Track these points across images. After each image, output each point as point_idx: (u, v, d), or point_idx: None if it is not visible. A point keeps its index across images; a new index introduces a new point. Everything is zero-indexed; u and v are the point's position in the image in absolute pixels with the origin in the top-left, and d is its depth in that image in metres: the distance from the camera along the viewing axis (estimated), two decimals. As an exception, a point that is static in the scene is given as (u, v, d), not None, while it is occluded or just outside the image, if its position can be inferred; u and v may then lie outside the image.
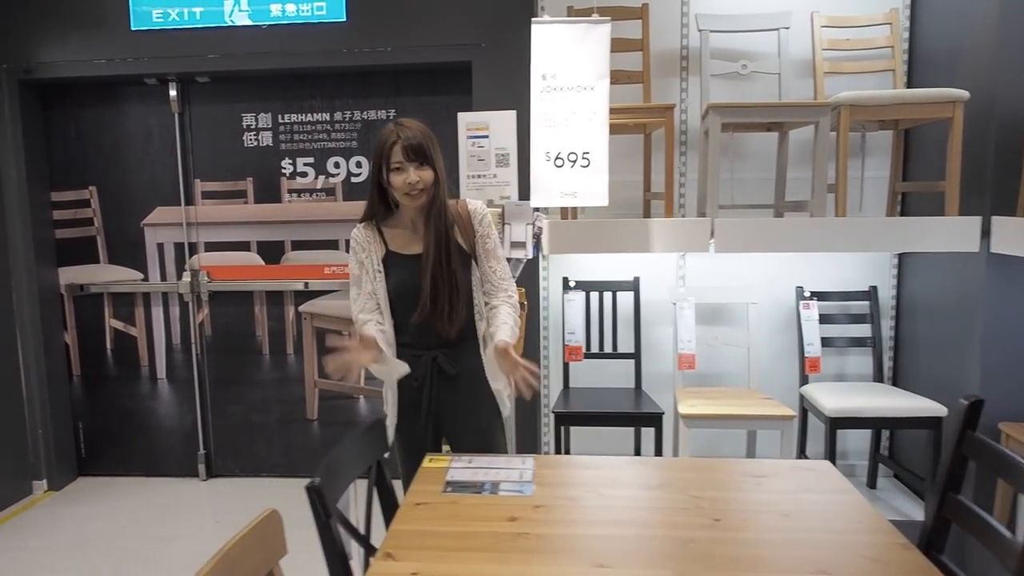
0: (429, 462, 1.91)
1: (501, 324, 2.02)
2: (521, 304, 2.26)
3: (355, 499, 1.89)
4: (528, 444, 3.32)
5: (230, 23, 3.44)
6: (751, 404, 2.86)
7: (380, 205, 2.08)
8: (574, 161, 2.46)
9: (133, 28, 3.50)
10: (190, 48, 3.48)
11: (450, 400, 2.11)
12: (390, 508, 1.77)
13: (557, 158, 2.47)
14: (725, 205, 2.99)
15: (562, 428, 2.90)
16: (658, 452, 2.92)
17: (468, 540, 1.48)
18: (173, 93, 3.64)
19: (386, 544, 1.47)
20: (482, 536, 1.49)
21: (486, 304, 2.10)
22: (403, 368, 2.06)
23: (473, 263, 2.09)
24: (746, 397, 2.97)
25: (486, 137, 2.72)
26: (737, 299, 3.19)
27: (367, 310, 2.07)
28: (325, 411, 3.80)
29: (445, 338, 2.06)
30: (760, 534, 1.49)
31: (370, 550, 1.65)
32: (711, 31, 2.99)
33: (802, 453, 3.09)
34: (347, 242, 3.66)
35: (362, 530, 1.68)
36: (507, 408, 2.20)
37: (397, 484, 1.83)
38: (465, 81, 3.40)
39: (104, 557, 3.06)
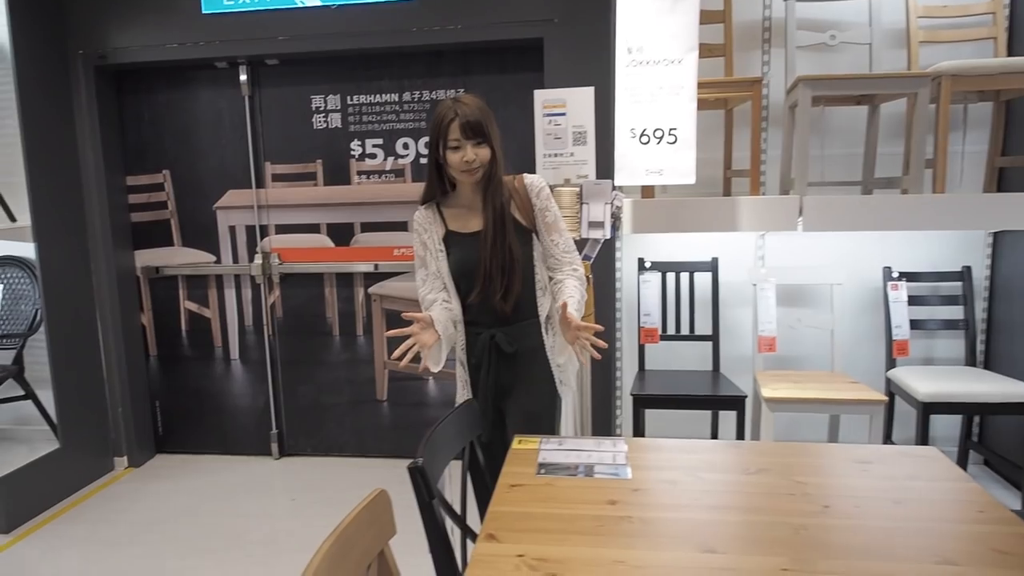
0: (518, 444, 1.88)
1: (567, 296, 2.00)
2: (586, 278, 2.24)
3: (450, 480, 1.88)
4: (602, 427, 3.28)
5: (299, 4, 3.44)
6: (838, 388, 2.76)
7: (438, 184, 2.07)
8: (660, 137, 2.39)
9: (204, 11, 3.52)
10: (260, 30, 3.49)
11: (508, 379, 2.10)
12: (483, 489, 1.75)
13: (643, 135, 2.40)
14: (812, 182, 2.88)
15: (639, 412, 2.84)
16: (738, 436, 2.85)
17: (569, 523, 1.45)
18: (243, 76, 3.67)
19: (487, 526, 1.45)
20: (583, 519, 1.46)
21: (550, 279, 2.10)
22: (440, 356, 2.03)
23: (534, 238, 2.08)
24: (831, 381, 2.87)
25: (563, 115, 2.66)
26: (820, 280, 3.08)
27: (434, 290, 2.08)
28: (394, 392, 3.82)
29: (502, 316, 2.05)
30: (874, 522, 1.42)
31: (467, 532, 1.63)
32: (798, 0, 2.87)
33: (888, 439, 2.98)
34: (417, 223, 3.67)
35: (458, 511, 1.66)
36: (572, 388, 2.17)
37: (489, 465, 1.80)
38: (536, 58, 3.34)
39: (185, 532, 3.13)
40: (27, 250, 3.53)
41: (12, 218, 3.54)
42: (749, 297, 3.12)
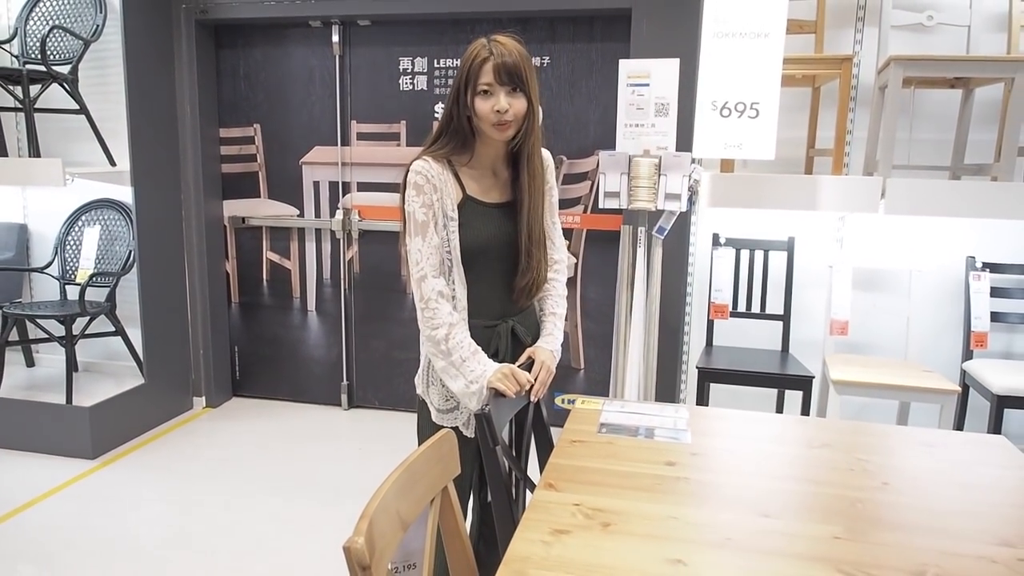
0: (582, 404, 1.93)
1: (553, 328, 1.86)
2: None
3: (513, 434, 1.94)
4: (665, 396, 3.29)
5: (393, -33, 3.51)
6: (910, 375, 2.71)
7: (456, 137, 1.70)
8: (742, 111, 2.37)
9: (302, -30, 3.62)
10: (353, -9, 3.57)
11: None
12: (545, 446, 1.81)
13: (724, 107, 2.39)
14: (898, 165, 2.81)
15: (704, 385, 2.85)
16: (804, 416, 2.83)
17: (627, 479, 1.49)
18: (335, 36, 3.76)
19: (547, 475, 1.50)
20: (641, 476, 1.50)
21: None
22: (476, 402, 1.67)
23: None
24: (903, 368, 2.82)
25: (647, 86, 2.66)
26: (899, 265, 3.02)
27: (435, 268, 1.67)
28: (461, 352, 3.91)
29: (515, 304, 1.81)
30: (935, 502, 1.42)
31: (527, 483, 1.69)
32: (896, -23, 2.78)
33: (959, 430, 2.91)
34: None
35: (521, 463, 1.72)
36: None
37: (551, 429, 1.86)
38: (623, 28, 3.33)
39: (255, 472, 3.30)
40: (124, 194, 3.74)
41: (112, 162, 3.76)
42: (823, 278, 3.08)
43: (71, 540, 2.71)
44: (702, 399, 2.84)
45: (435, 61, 3.70)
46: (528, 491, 1.63)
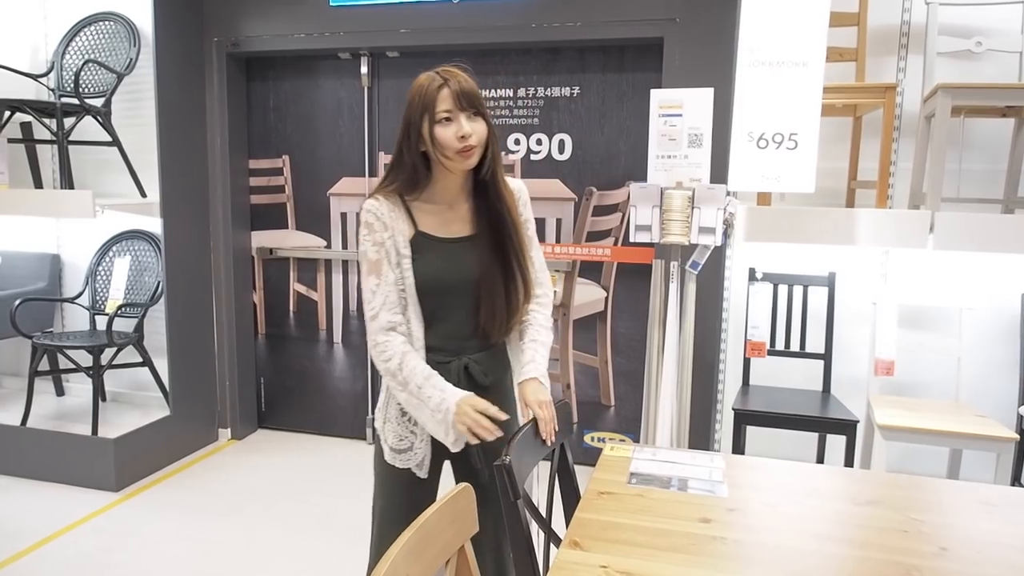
0: (610, 450, 1.83)
1: (535, 354, 1.73)
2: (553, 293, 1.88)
3: (536, 481, 1.84)
4: (699, 440, 3.16)
5: (423, -1, 3.49)
6: (962, 421, 2.55)
7: (420, 170, 1.62)
8: (780, 142, 2.27)
9: (332, 4, 3.62)
10: (383, 23, 3.56)
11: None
12: (570, 494, 1.70)
13: (761, 138, 2.29)
14: (947, 198, 2.68)
15: (740, 428, 2.72)
16: (847, 464, 2.69)
17: (659, 537, 1.38)
18: (364, 68, 3.75)
19: (572, 532, 1.40)
20: (674, 535, 1.39)
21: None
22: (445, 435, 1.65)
23: None
24: (954, 412, 2.66)
25: (679, 116, 2.57)
26: (948, 303, 2.87)
27: (391, 308, 1.63)
28: (489, 387, 3.82)
29: (480, 341, 1.71)
30: (1000, 570, 1.29)
31: (551, 535, 1.59)
32: (940, 3, 2.67)
33: (1016, 481, 2.74)
34: (521, 220, 3.64)
35: (543, 513, 1.62)
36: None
37: (580, 469, 1.76)
38: (654, 58, 3.27)
39: (280, 507, 3.23)
40: (154, 225, 3.74)
41: (143, 194, 3.77)
42: (866, 315, 2.94)
43: (96, 573, 2.66)
44: (738, 443, 2.71)
45: (464, 92, 3.65)
46: (553, 545, 1.53)
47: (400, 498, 1.77)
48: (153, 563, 2.76)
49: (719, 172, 2.69)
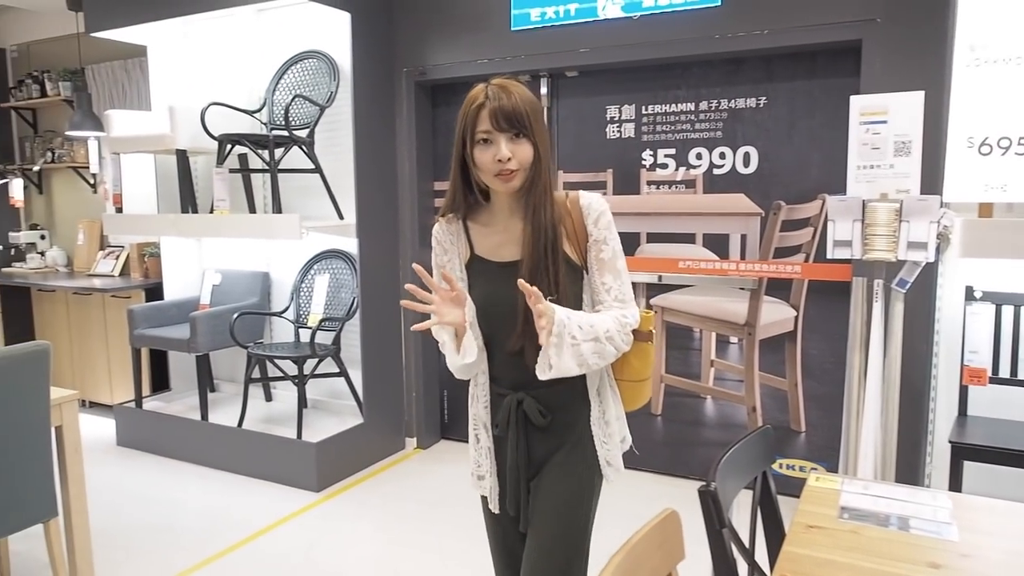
0: (815, 481, 1.72)
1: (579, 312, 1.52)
2: (648, 332, 1.60)
3: (737, 510, 1.77)
4: (906, 475, 2.91)
5: (602, 17, 3.51)
6: None
7: (464, 192, 1.59)
8: (1006, 148, 2.06)
9: (513, 29, 3.73)
10: (562, 44, 3.61)
11: (540, 454, 1.62)
12: (773, 525, 1.62)
13: (983, 144, 2.09)
14: None
15: (957, 464, 2.48)
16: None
17: (880, 581, 1.28)
18: (544, 89, 3.83)
19: (781, 567, 1.33)
20: (898, 579, 1.29)
21: None
22: (469, 356, 1.54)
23: (584, 276, 1.59)
24: None
25: (883, 123, 2.40)
26: None
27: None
28: (670, 407, 3.74)
29: (533, 375, 1.50)
30: None
31: (755, 568, 1.52)
32: None
33: None
34: (705, 237, 3.55)
35: (746, 544, 1.55)
36: (620, 470, 1.67)
37: (783, 500, 1.67)
38: (850, 62, 3.08)
39: (462, 516, 3.32)
40: (350, 244, 4.01)
41: (341, 216, 4.04)
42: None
43: (299, 569, 2.87)
44: (955, 480, 2.46)
45: (643, 108, 3.63)
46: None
47: (489, 530, 1.78)
48: (352, 560, 2.95)
49: (930, 182, 2.49)
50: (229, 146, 3.91)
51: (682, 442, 3.70)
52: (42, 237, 5.85)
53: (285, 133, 3.82)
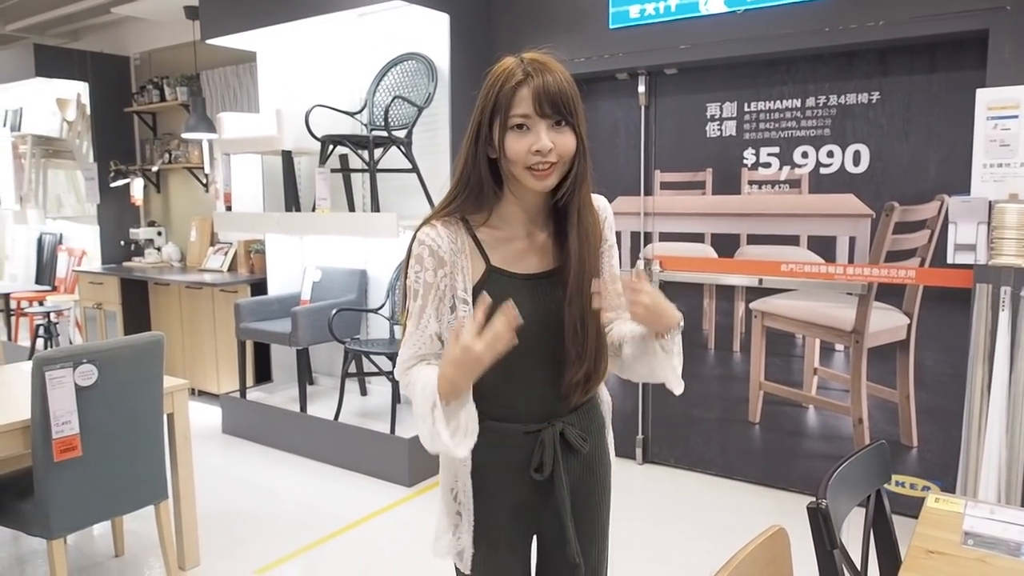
0: (935, 502, 1.61)
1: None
2: None
3: (848, 529, 1.68)
4: (1016, 496, 2.70)
5: (704, 12, 3.41)
6: None
7: (490, 187, 1.30)
8: None
9: (611, 27, 3.68)
10: (662, 41, 3.54)
11: (574, 482, 1.42)
12: (888, 547, 1.53)
13: None
14: None
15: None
16: None
17: (1012, 615, 1.18)
18: (641, 87, 3.75)
19: (899, 593, 1.25)
20: (1032, 614, 1.18)
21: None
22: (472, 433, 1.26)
23: None
24: None
25: (1015, 118, 2.24)
26: None
27: (422, 357, 1.35)
28: (768, 416, 3.60)
29: (566, 400, 1.35)
30: None
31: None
32: None
33: None
34: (809, 239, 3.40)
35: (858, 566, 1.47)
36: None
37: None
38: (974, 54, 2.88)
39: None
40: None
41: (437, 216, 4.08)
42: None
43: (390, 563, 2.92)
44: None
45: (745, 105, 3.51)
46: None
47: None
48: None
49: (1067, 182, 2.30)
50: (331, 147, 4.02)
51: (781, 452, 3.56)
52: (159, 234, 6.19)
53: (384, 134, 3.89)
